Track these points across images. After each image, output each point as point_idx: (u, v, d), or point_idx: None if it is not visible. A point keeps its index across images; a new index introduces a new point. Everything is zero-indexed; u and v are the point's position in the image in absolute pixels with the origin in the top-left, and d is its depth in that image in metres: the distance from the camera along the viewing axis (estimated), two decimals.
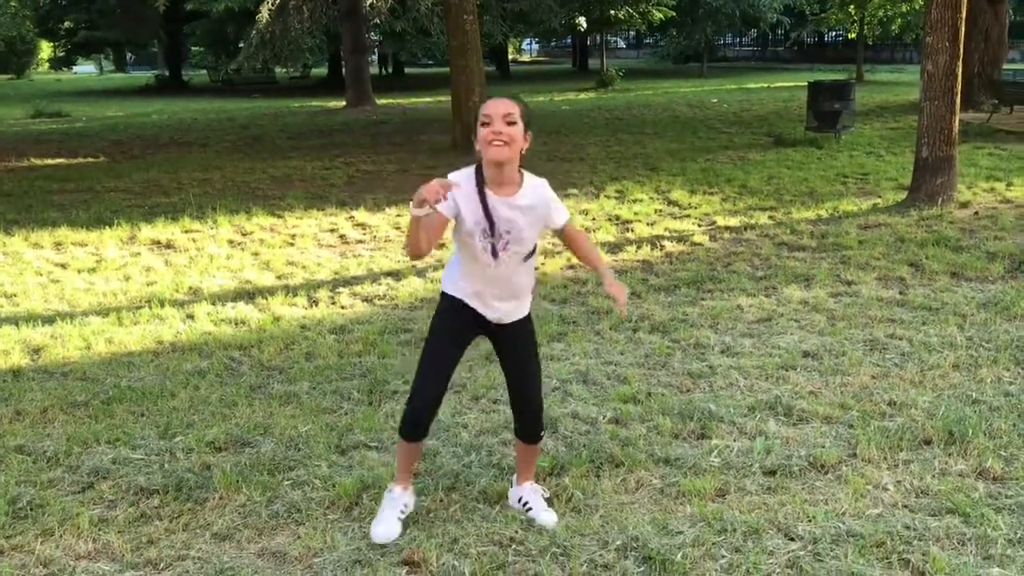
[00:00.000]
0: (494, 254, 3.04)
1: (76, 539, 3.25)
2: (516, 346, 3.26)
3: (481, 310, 3.16)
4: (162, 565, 3.09)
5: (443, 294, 3.24)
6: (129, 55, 62.80)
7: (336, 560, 3.07)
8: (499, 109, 2.96)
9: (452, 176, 3.00)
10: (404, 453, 3.30)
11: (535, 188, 3.10)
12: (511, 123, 2.96)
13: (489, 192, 3.01)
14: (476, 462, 3.77)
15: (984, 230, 7.84)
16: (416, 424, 3.20)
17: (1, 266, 7.59)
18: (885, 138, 14.50)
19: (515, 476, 3.49)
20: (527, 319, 3.26)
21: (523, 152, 3.03)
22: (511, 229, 3.03)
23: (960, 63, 8.92)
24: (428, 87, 32.81)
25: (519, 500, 3.39)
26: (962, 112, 9.65)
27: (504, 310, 3.17)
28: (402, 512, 3.26)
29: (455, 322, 3.20)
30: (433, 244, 2.99)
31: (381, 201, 10.33)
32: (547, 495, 3.42)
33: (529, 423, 3.32)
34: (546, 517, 3.29)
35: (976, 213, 8.59)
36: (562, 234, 3.23)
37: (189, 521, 3.37)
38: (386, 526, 3.20)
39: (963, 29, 8.87)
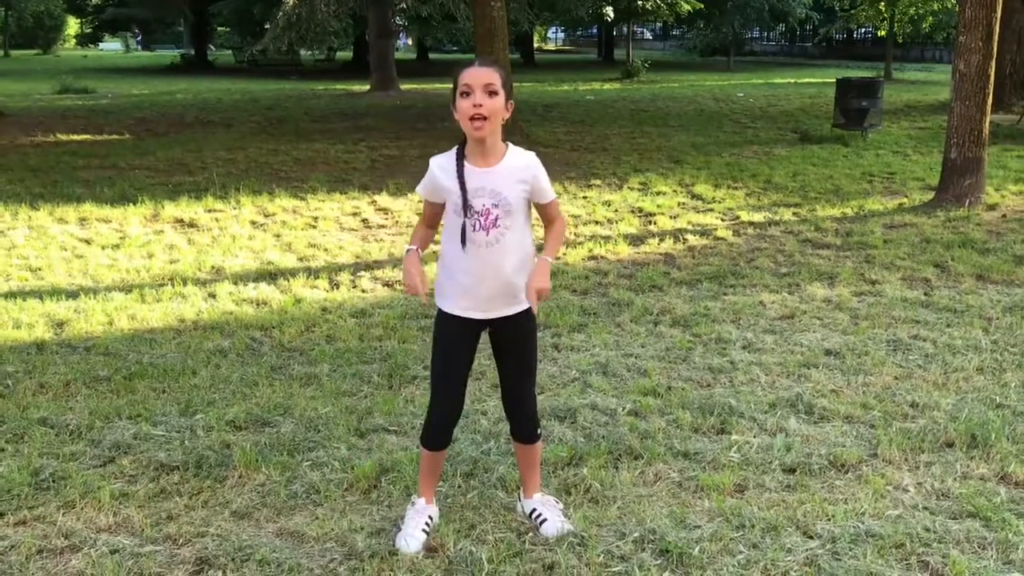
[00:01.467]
0: (484, 230, 2.87)
1: (97, 512, 3.28)
2: (514, 342, 3.07)
3: (474, 314, 2.97)
4: (181, 541, 3.11)
5: (441, 311, 3.07)
6: (136, 35, 63.04)
7: (353, 543, 3.08)
8: (480, 79, 2.79)
9: (434, 161, 2.94)
10: (427, 463, 3.18)
11: (521, 156, 2.93)
12: (492, 93, 2.78)
13: (470, 167, 2.87)
14: (495, 449, 3.78)
15: (1011, 233, 7.75)
16: (436, 436, 3.12)
17: (27, 240, 7.65)
18: (913, 137, 14.36)
19: (520, 490, 3.31)
20: (528, 315, 3.03)
21: (505, 121, 2.87)
22: (498, 202, 2.86)
23: (993, 63, 8.82)
24: (452, 73, 32.72)
25: (531, 513, 3.20)
26: (992, 113, 9.54)
27: (498, 302, 2.96)
28: (427, 526, 3.09)
29: (455, 328, 3.02)
30: (435, 228, 3.01)
31: (403, 186, 10.33)
32: (561, 506, 3.24)
33: (520, 423, 3.17)
34: (561, 526, 3.11)
35: (1004, 216, 8.50)
36: (544, 211, 3.04)
37: (208, 498, 3.39)
38: (411, 539, 3.03)
39: (997, 29, 8.76)
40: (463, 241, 2.89)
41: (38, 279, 6.45)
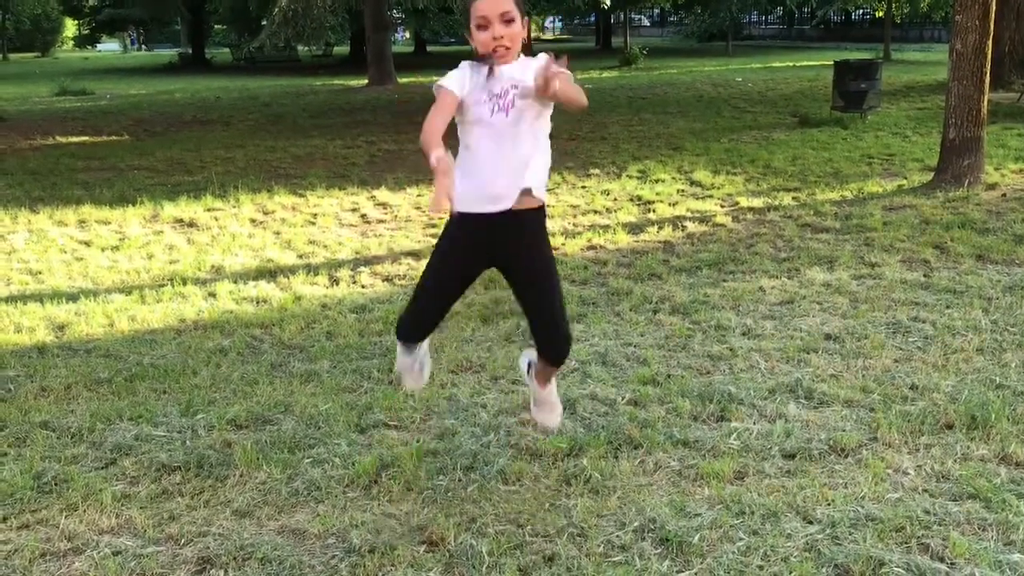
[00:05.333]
0: (503, 111, 2.81)
1: (99, 514, 3.30)
2: (531, 269, 3.00)
3: (487, 205, 2.87)
4: (183, 541, 3.12)
5: (452, 215, 2.92)
6: (133, 35, 63.03)
7: (355, 538, 3.09)
8: (495, 8, 2.72)
9: (453, 82, 2.83)
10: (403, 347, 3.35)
11: (533, 58, 2.86)
12: (509, 21, 2.73)
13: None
14: (494, 442, 3.78)
15: (1012, 212, 7.73)
16: (410, 337, 3.25)
17: (26, 244, 7.66)
18: (912, 118, 14.31)
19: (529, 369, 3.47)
20: (542, 224, 2.99)
21: (525, 40, 2.83)
22: (516, 83, 2.80)
23: (990, 42, 8.77)
24: (450, 65, 32.64)
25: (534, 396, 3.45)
26: (992, 92, 9.50)
27: (512, 188, 2.87)
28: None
29: (459, 247, 2.99)
30: (444, 127, 2.78)
31: (402, 180, 10.33)
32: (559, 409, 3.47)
33: (556, 351, 3.14)
34: (545, 415, 3.43)
35: (1004, 195, 8.48)
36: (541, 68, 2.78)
37: (210, 498, 3.41)
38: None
39: (994, 7, 8.72)
40: (481, 126, 2.84)
41: (38, 282, 6.47)
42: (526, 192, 2.90)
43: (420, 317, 3.19)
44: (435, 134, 2.68)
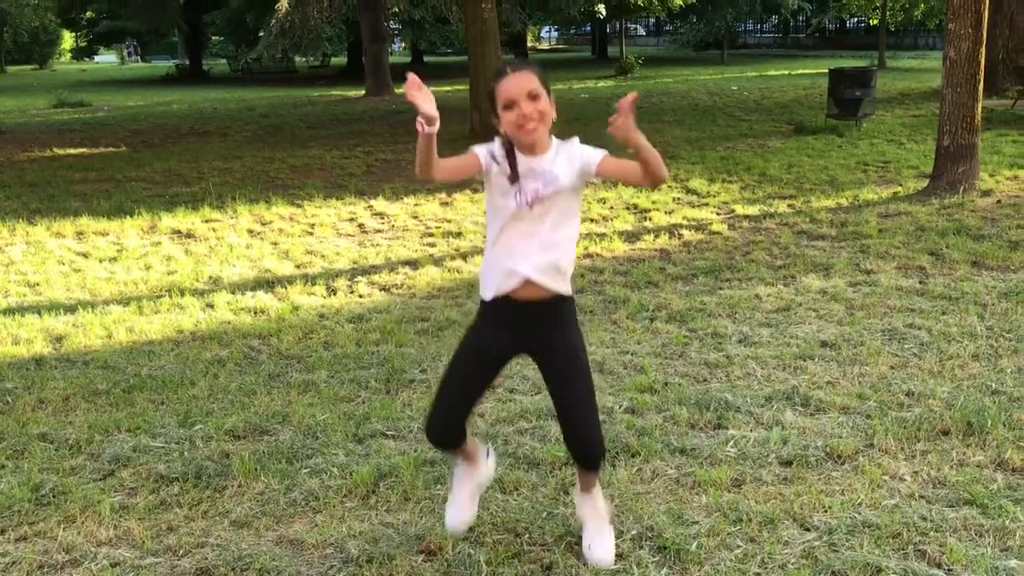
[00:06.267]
0: (529, 204, 2.70)
1: (97, 526, 3.30)
2: (560, 356, 2.84)
3: (515, 283, 2.75)
4: (181, 552, 3.12)
5: (480, 303, 2.89)
6: (130, 47, 63.08)
7: (353, 548, 3.09)
8: (522, 87, 2.65)
9: (481, 148, 2.72)
10: (459, 471, 3.09)
11: (569, 145, 2.79)
12: (535, 97, 2.66)
13: (520, 156, 2.72)
14: (492, 451, 3.78)
15: (1006, 219, 7.76)
16: (441, 438, 2.95)
17: (24, 255, 7.67)
18: (907, 126, 14.36)
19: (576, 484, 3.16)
20: (570, 314, 2.86)
21: (554, 120, 2.73)
22: (547, 180, 2.71)
23: (983, 49, 8.82)
24: (447, 76, 32.75)
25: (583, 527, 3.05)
26: (985, 99, 9.55)
27: (540, 269, 2.75)
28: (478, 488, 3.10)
29: (487, 335, 2.86)
30: (448, 175, 2.71)
31: (400, 190, 10.35)
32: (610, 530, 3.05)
33: (584, 453, 2.91)
34: (599, 554, 2.94)
35: (999, 201, 8.51)
36: (604, 165, 2.77)
37: (208, 509, 3.41)
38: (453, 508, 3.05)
39: (986, 15, 8.77)
40: (509, 215, 2.74)
41: (36, 294, 6.47)
42: (551, 279, 2.79)
43: (446, 411, 2.90)
44: (434, 160, 2.62)
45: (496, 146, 2.75)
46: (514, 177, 2.71)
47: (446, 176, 2.70)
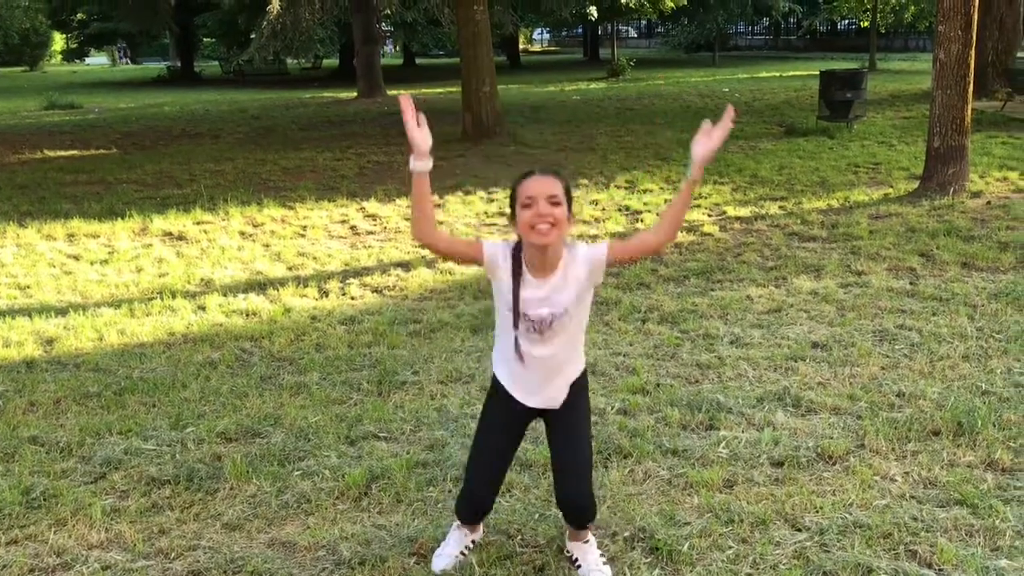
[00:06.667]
0: (538, 332, 2.75)
1: (89, 529, 3.29)
2: (564, 421, 2.88)
3: (522, 399, 2.85)
4: (173, 555, 3.12)
5: (493, 376, 2.94)
6: (121, 49, 62.84)
7: (345, 550, 3.09)
8: (543, 189, 2.64)
9: (489, 245, 2.74)
10: (456, 530, 3.10)
11: (574, 257, 2.75)
12: (556, 203, 2.64)
13: (527, 276, 2.72)
14: None
15: (996, 220, 7.80)
16: (472, 511, 3.01)
17: (14, 258, 7.64)
18: (897, 127, 14.42)
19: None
20: (581, 390, 2.91)
21: (567, 234, 2.73)
22: (555, 311, 2.73)
23: (973, 52, 8.86)
24: (439, 78, 32.76)
25: (570, 556, 3.03)
26: (976, 101, 9.60)
27: (549, 395, 2.85)
28: (467, 549, 3.06)
29: (504, 409, 2.89)
30: (448, 248, 2.79)
31: (392, 192, 10.34)
32: (604, 555, 3.04)
33: (574, 513, 2.92)
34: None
35: (988, 203, 8.54)
36: (613, 255, 2.76)
37: (200, 511, 3.41)
38: (440, 558, 3.02)
39: (976, 17, 8.81)
40: (516, 349, 2.78)
41: (27, 297, 6.45)
42: (562, 393, 2.86)
43: (485, 484, 2.93)
44: (429, 214, 2.69)
45: (505, 250, 2.74)
46: (516, 320, 2.73)
47: (446, 248, 2.77)
